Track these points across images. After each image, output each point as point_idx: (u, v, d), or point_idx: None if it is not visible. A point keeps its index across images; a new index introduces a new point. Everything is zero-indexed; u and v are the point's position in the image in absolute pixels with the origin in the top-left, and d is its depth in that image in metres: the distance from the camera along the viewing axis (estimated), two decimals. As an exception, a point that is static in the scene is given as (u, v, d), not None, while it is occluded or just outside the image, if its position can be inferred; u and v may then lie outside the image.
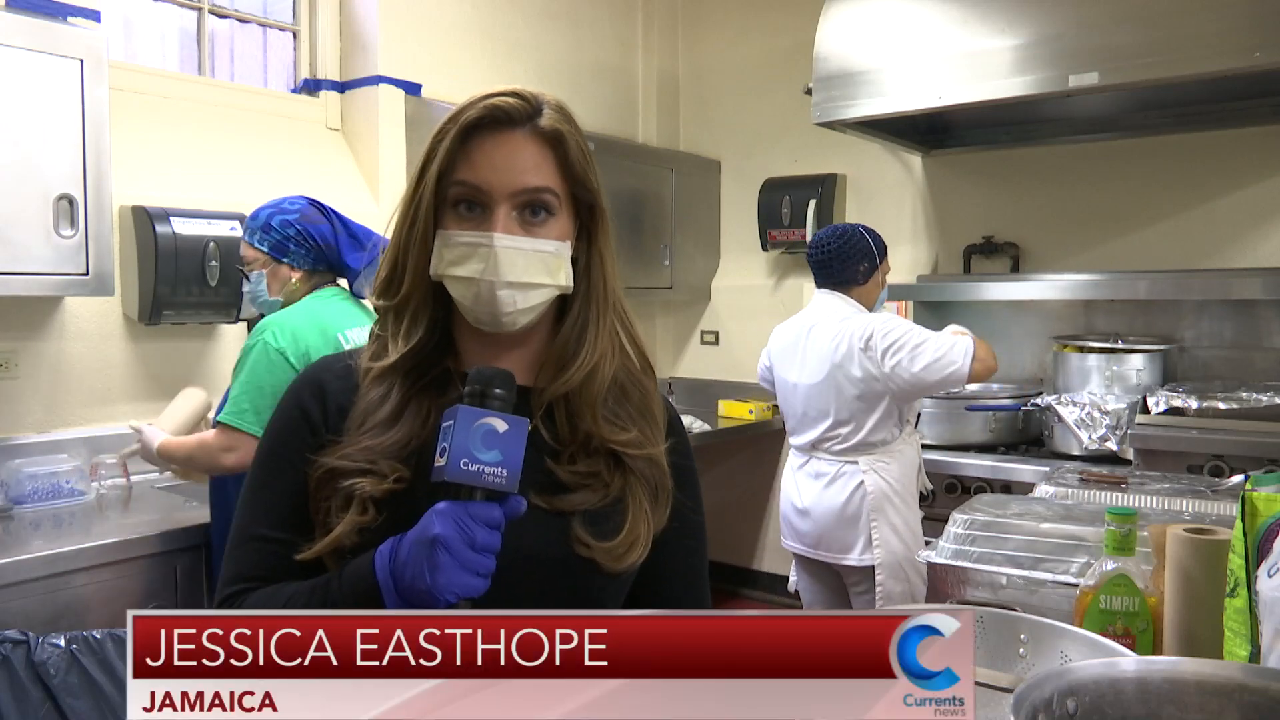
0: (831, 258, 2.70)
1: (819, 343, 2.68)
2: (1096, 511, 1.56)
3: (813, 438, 2.72)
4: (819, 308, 2.75)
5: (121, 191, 2.69)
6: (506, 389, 0.92)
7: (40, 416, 2.71)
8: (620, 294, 1.07)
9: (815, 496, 2.71)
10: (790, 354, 2.79)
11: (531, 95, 1.00)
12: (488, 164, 0.98)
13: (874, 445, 2.64)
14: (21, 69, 2.32)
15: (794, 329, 2.81)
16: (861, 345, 2.58)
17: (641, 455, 1.03)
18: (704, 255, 4.67)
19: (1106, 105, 3.51)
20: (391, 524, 0.94)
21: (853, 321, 2.64)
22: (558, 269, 1.01)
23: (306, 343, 2.08)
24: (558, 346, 1.04)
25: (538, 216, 1.00)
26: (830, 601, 2.82)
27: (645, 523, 1.02)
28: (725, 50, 4.63)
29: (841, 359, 2.62)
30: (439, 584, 0.86)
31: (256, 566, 1.00)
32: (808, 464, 2.75)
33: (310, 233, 2.21)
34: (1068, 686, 0.77)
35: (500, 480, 0.88)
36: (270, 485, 1.02)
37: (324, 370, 1.07)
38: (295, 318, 2.13)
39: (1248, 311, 3.39)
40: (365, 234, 2.28)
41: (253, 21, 3.45)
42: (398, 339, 1.03)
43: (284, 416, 1.05)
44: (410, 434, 0.99)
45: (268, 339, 2.07)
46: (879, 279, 2.77)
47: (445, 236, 0.99)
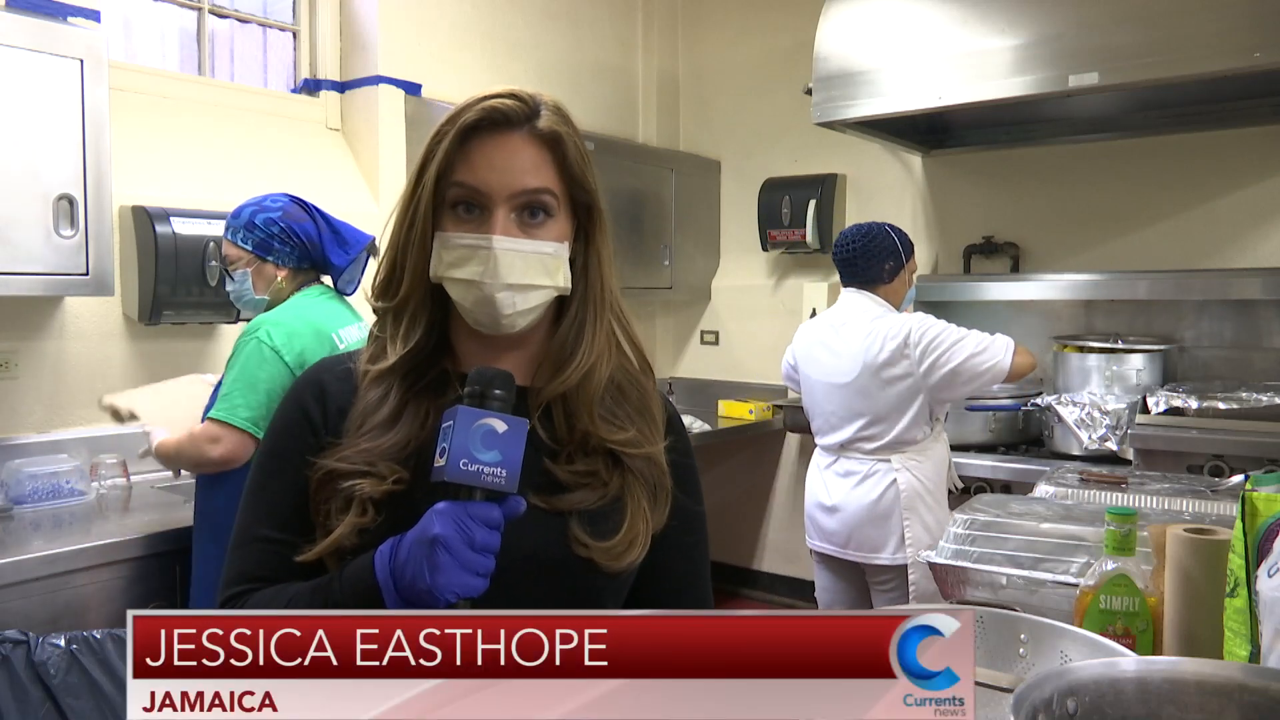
0: (856, 256, 2.68)
1: (850, 342, 2.65)
2: (1096, 511, 1.56)
3: (843, 438, 2.69)
4: (847, 306, 2.72)
5: (121, 191, 2.69)
6: (506, 390, 0.92)
7: (40, 416, 2.71)
8: (617, 294, 1.08)
9: (844, 495, 2.68)
10: (818, 353, 2.76)
11: (529, 96, 1.00)
12: (486, 165, 0.98)
13: (906, 444, 2.62)
14: (21, 69, 2.32)
15: (821, 328, 2.78)
16: (897, 344, 2.56)
17: (640, 454, 1.04)
18: (704, 255, 4.67)
19: (1106, 105, 3.51)
20: (390, 525, 0.94)
21: (886, 320, 2.62)
22: (556, 270, 1.01)
23: (302, 342, 2.09)
24: (555, 347, 1.04)
25: (536, 218, 1.00)
26: (852, 602, 2.80)
27: (644, 521, 1.02)
28: (725, 50, 4.63)
29: (875, 358, 2.59)
30: (439, 584, 0.86)
31: (258, 567, 1.00)
32: (836, 463, 2.73)
33: (294, 230, 2.19)
34: (1068, 686, 0.77)
35: (500, 480, 0.88)
36: (271, 486, 1.02)
37: (325, 371, 1.08)
38: (288, 317, 2.13)
39: (1248, 311, 3.39)
40: (349, 231, 2.27)
41: (253, 21, 3.45)
42: (396, 341, 1.03)
43: (285, 417, 1.05)
44: (409, 436, 0.99)
45: (261, 337, 2.07)
46: (906, 277, 2.74)
47: (444, 239, 0.99)
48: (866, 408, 2.63)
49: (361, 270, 2.31)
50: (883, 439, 2.63)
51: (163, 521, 2.36)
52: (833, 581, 2.84)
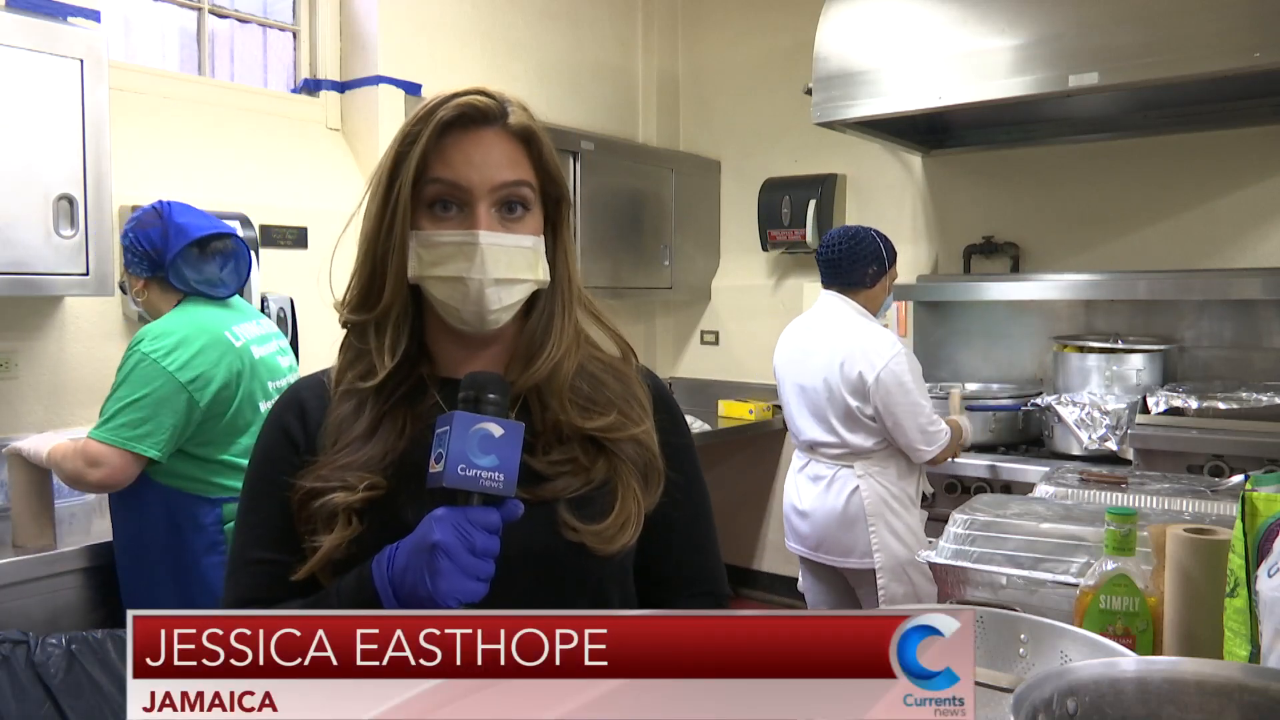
0: (841, 258, 2.69)
1: (822, 347, 2.68)
2: (1096, 511, 1.56)
3: (810, 439, 2.73)
4: (823, 309, 2.75)
5: (121, 191, 2.69)
6: (500, 393, 0.92)
7: (40, 416, 2.71)
8: (581, 283, 1.08)
9: (815, 499, 2.71)
10: (793, 354, 2.79)
11: (497, 93, 1.01)
12: (465, 161, 0.97)
13: (868, 451, 2.64)
14: (21, 69, 2.32)
15: (798, 329, 2.81)
16: (861, 374, 2.58)
17: (624, 438, 1.04)
18: (704, 255, 4.67)
19: (1106, 105, 3.51)
20: (376, 532, 0.94)
21: (862, 336, 2.62)
22: (536, 263, 1.02)
23: (191, 348, 1.95)
24: (525, 340, 1.04)
25: (515, 212, 1.00)
26: (835, 603, 2.81)
27: (636, 503, 1.02)
28: (725, 50, 4.63)
29: (836, 376, 2.62)
30: (440, 590, 0.86)
31: (255, 589, 1.00)
32: (807, 466, 2.76)
33: (138, 239, 2.05)
34: (1068, 686, 0.77)
35: (498, 484, 0.88)
36: (260, 508, 1.02)
37: (303, 389, 1.07)
38: (173, 323, 2.00)
39: (1248, 311, 3.39)
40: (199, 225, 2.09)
41: (253, 21, 3.44)
42: (383, 354, 1.01)
43: (268, 439, 1.05)
44: (386, 448, 0.99)
45: (144, 348, 1.93)
46: (886, 284, 2.76)
47: (423, 237, 0.98)
48: (827, 414, 2.66)
49: (234, 270, 2.15)
50: (843, 447, 2.66)
51: (163, 521, 2.36)
52: (813, 583, 2.87)
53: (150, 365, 1.91)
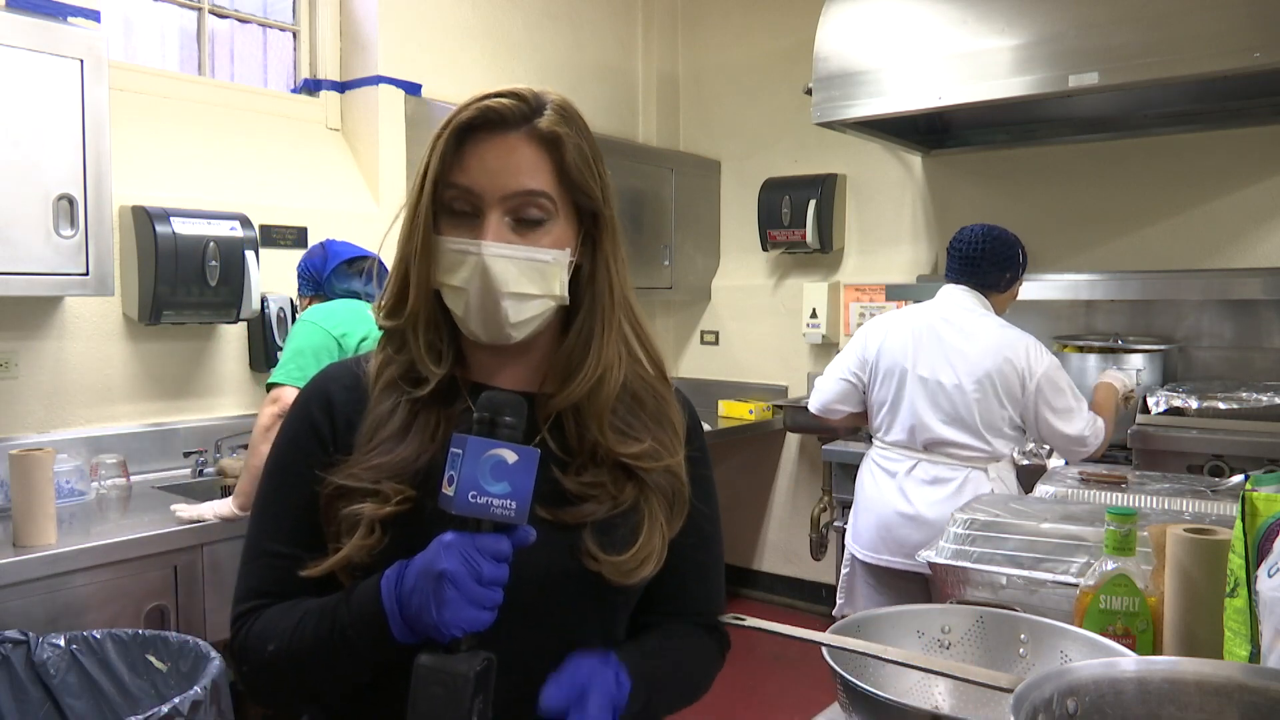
0: (981, 256, 2.58)
1: (964, 346, 2.52)
2: (1096, 511, 1.56)
3: (935, 438, 2.54)
4: (955, 305, 2.60)
5: (121, 191, 2.69)
6: (516, 417, 0.88)
7: (40, 416, 2.71)
8: (632, 301, 1.05)
9: (938, 504, 2.48)
10: (914, 345, 2.59)
11: (532, 95, 0.96)
12: (479, 166, 0.94)
13: (1001, 455, 2.54)
14: (21, 69, 2.32)
15: (917, 322, 2.62)
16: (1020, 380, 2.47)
17: (657, 468, 1.01)
18: (704, 255, 4.67)
19: (1106, 105, 3.51)
20: (400, 543, 0.92)
21: (1013, 337, 2.51)
22: (553, 279, 0.97)
23: (338, 316, 2.47)
24: (562, 357, 1.01)
25: (531, 222, 0.96)
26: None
27: (661, 536, 1.00)
28: (725, 50, 4.63)
29: (991, 379, 2.49)
30: (445, 619, 0.84)
31: (268, 582, 0.99)
32: (917, 467, 2.56)
33: (306, 266, 2.66)
34: (1068, 686, 0.77)
35: (509, 513, 0.86)
36: (279, 499, 1.01)
37: (331, 381, 1.05)
38: (325, 305, 2.54)
39: (1248, 311, 3.39)
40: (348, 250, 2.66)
41: (253, 21, 3.45)
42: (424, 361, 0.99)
43: (293, 430, 1.03)
44: (419, 449, 0.97)
45: (305, 317, 2.52)
46: (1015, 291, 2.68)
47: (440, 243, 0.96)
48: (972, 415, 2.50)
49: (367, 282, 2.61)
50: (981, 449, 2.51)
51: (162, 521, 2.36)
52: (889, 598, 2.59)
53: (310, 326, 2.45)
